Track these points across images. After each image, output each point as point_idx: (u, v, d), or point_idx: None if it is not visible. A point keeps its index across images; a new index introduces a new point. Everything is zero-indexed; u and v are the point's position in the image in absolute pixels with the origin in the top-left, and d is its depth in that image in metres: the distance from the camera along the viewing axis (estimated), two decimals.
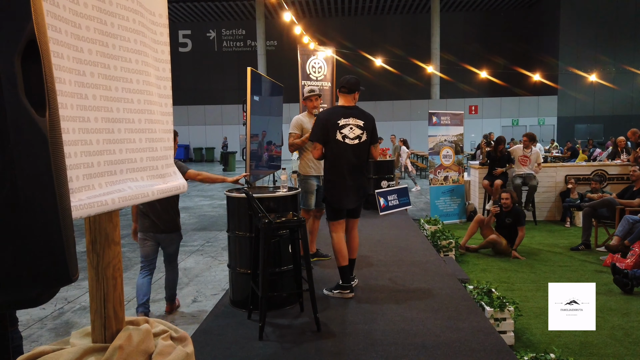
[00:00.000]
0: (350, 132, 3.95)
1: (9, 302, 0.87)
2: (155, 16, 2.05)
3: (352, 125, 3.97)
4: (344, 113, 4.01)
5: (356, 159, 3.99)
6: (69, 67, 1.52)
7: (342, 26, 29.36)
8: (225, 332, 3.25)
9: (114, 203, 1.67)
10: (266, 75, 21.86)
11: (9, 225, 0.82)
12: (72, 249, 0.98)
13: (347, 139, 3.94)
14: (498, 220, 6.62)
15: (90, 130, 1.62)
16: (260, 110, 5.13)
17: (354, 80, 4.13)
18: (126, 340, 1.70)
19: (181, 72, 30.84)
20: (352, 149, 3.96)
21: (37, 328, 4.29)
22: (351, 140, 3.95)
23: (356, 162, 3.99)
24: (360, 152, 4.00)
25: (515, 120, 27.13)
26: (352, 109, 4.06)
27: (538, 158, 8.41)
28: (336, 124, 3.95)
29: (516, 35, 28.73)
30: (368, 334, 3.20)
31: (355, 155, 3.98)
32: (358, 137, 3.98)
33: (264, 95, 5.05)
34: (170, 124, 2.12)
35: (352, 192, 4.00)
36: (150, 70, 1.96)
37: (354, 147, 3.96)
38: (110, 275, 1.77)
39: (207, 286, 5.34)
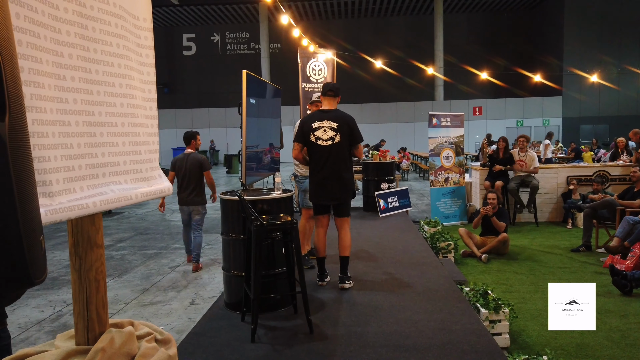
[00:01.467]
0: (323, 134, 4.22)
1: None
2: (140, 20, 2.06)
3: (325, 128, 4.22)
4: (320, 117, 4.28)
5: (331, 159, 4.21)
6: (48, 71, 1.53)
7: (344, 28, 29.38)
8: (218, 335, 3.25)
9: (95, 206, 1.69)
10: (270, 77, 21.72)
11: None
12: (36, 252, 0.99)
13: (320, 141, 4.22)
14: (484, 224, 6.59)
15: (71, 134, 1.63)
16: (258, 113, 5.14)
17: (337, 86, 4.48)
18: (108, 343, 1.71)
19: (185, 76, 31.00)
20: (327, 150, 4.21)
21: (34, 331, 4.32)
22: (324, 142, 4.22)
23: (331, 162, 4.21)
24: (334, 152, 4.21)
25: (519, 121, 27.04)
26: (329, 112, 4.31)
27: (533, 162, 8.36)
28: (310, 127, 4.25)
29: (520, 36, 28.64)
30: (360, 336, 3.19)
31: (330, 156, 4.21)
32: (331, 139, 4.21)
33: (261, 98, 5.06)
34: (155, 127, 2.13)
35: (327, 189, 4.24)
36: (133, 74, 1.97)
37: (327, 148, 4.21)
38: (93, 278, 1.78)
39: (205, 289, 5.36)
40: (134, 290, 5.35)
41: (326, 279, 4.47)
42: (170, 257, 6.76)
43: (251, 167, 5.43)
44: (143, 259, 6.73)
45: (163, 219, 10.13)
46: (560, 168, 9.09)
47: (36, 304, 4.95)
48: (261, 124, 5.30)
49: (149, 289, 5.39)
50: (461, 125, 9.04)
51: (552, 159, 15.70)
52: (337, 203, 4.32)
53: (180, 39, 31.07)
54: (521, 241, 7.25)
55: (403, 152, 18.80)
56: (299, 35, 10.34)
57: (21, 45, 1.40)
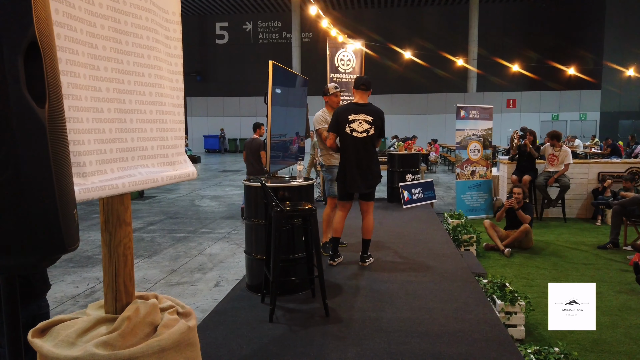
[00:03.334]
0: (358, 126, 4.46)
1: (14, 266, 1.03)
2: (169, 14, 2.19)
3: (361, 120, 4.47)
4: (355, 109, 4.50)
5: (363, 150, 4.48)
6: (84, 62, 1.67)
7: (375, 18, 29.09)
8: (238, 314, 3.42)
9: (124, 187, 1.83)
10: (300, 67, 21.80)
11: (12, 200, 0.98)
12: (70, 223, 1.13)
13: (355, 132, 4.46)
14: (508, 218, 6.57)
15: (104, 120, 1.78)
16: (284, 102, 5.26)
17: (369, 80, 4.66)
18: (134, 312, 1.86)
19: (217, 64, 31.38)
20: (360, 141, 4.46)
21: (69, 304, 4.59)
22: (359, 134, 4.46)
23: (363, 152, 4.48)
24: (367, 144, 4.49)
25: (555, 115, 26.36)
26: (364, 105, 4.54)
27: (565, 158, 8.19)
28: (347, 118, 4.47)
29: (558, 27, 27.76)
30: (375, 320, 3.30)
31: (363, 147, 4.48)
32: (366, 131, 4.46)
33: (287, 87, 5.18)
34: (181, 115, 2.27)
35: (358, 178, 4.49)
36: (162, 65, 2.11)
37: (361, 140, 4.46)
38: (121, 253, 1.93)
39: (229, 271, 5.55)
40: (162, 270, 5.59)
41: (337, 259, 4.71)
42: (197, 241, 7.00)
43: (277, 156, 5.58)
44: (172, 241, 6.99)
45: (192, 204, 10.43)
46: (592, 164, 8.90)
47: (71, 280, 5.24)
48: (288, 113, 5.42)
49: (176, 269, 5.62)
50: (490, 118, 8.94)
51: (586, 155, 15.30)
52: (368, 191, 4.58)
53: (214, 28, 31.44)
54: (547, 236, 7.18)
55: (433, 143, 18.64)
56: (328, 26, 10.39)
57: (60, 39, 1.55)
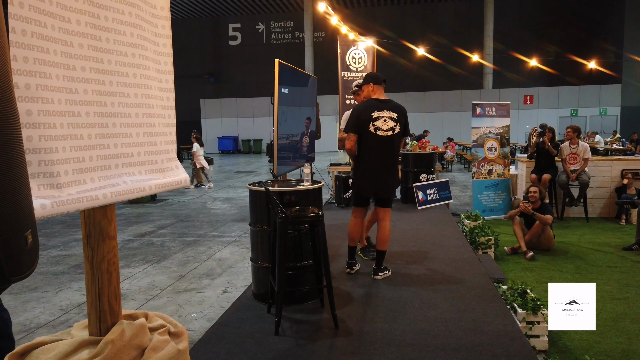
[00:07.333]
0: (383, 124, 4.06)
1: None
2: (157, 9, 2.02)
3: (385, 118, 4.08)
4: (379, 106, 4.11)
5: (389, 151, 4.12)
6: (57, 61, 1.50)
7: (388, 15, 28.77)
8: (242, 326, 3.25)
9: (106, 198, 1.67)
10: (313, 66, 21.74)
11: None
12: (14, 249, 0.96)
13: (380, 131, 4.06)
14: (526, 222, 6.24)
15: (81, 124, 1.61)
16: (291, 102, 5.09)
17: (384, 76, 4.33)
18: (119, 335, 1.71)
19: (231, 65, 31.40)
20: (385, 141, 4.07)
21: (74, 313, 4.48)
22: (384, 132, 4.06)
23: (388, 153, 4.13)
24: (392, 143, 4.12)
25: (574, 110, 25.74)
26: (386, 102, 4.17)
27: (585, 152, 7.86)
28: (370, 116, 4.06)
29: (576, 20, 27.10)
30: (386, 333, 3.10)
31: (388, 147, 4.10)
32: (391, 129, 4.08)
33: (294, 87, 5.01)
34: (172, 117, 2.10)
35: (381, 182, 4.14)
36: (149, 64, 1.94)
37: (386, 139, 4.07)
38: (105, 269, 1.77)
39: (238, 277, 5.40)
40: (171, 276, 5.46)
41: (355, 266, 4.46)
42: (207, 245, 6.87)
43: (287, 157, 5.40)
44: (182, 245, 6.87)
45: (204, 206, 10.33)
46: (615, 161, 8.55)
47: (78, 287, 5.14)
48: (295, 113, 5.25)
49: (185, 275, 5.49)
50: (507, 115, 8.65)
51: (607, 151, 14.85)
52: (388, 196, 4.25)
53: (227, 29, 31.47)
54: (569, 237, 6.88)
55: (449, 142, 18.31)
56: (338, 23, 10.21)
57: (26, 35, 1.38)
